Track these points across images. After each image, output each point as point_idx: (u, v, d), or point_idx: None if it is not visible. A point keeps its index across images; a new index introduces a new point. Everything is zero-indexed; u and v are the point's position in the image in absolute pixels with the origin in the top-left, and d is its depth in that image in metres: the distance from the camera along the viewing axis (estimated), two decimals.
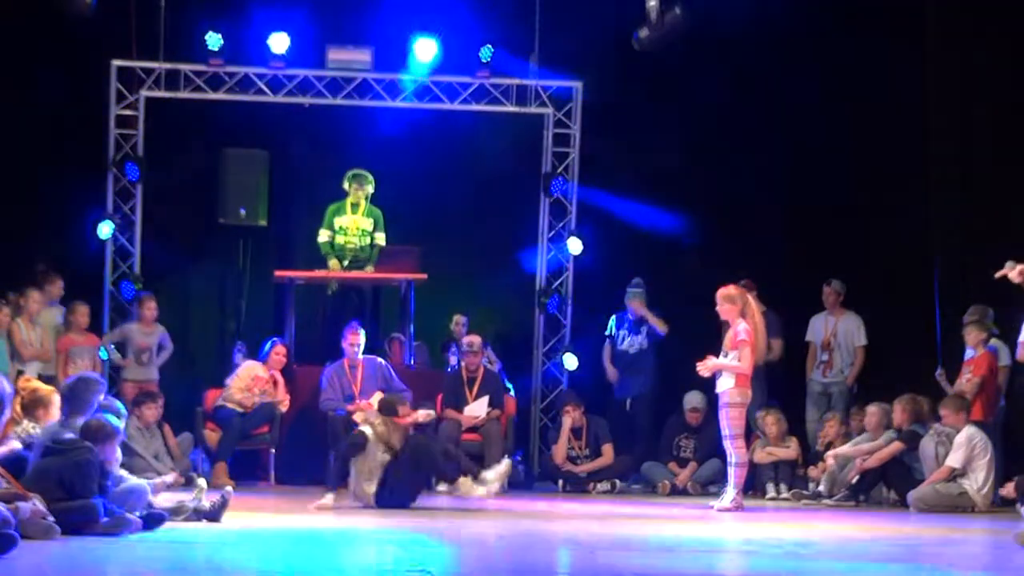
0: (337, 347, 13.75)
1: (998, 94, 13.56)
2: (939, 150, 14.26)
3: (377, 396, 12.35)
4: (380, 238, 14.38)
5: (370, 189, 14.36)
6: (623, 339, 14.58)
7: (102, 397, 9.29)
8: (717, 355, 11.63)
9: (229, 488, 9.84)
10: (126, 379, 13.99)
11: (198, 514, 9.35)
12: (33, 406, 9.29)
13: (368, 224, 14.38)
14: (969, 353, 12.75)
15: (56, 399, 9.45)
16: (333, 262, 14.26)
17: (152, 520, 8.68)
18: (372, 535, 9.23)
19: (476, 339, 14.09)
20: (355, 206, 14.38)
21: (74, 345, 13.63)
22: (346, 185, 14.36)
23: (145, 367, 14.02)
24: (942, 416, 12.30)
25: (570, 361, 15.03)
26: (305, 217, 14.86)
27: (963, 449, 11.99)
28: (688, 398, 14.01)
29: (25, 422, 9.22)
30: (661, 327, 14.32)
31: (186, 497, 9.62)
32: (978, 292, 13.11)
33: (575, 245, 15.11)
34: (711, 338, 12.06)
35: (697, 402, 13.89)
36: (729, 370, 11.50)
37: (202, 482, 9.96)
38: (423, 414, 12.08)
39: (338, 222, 14.35)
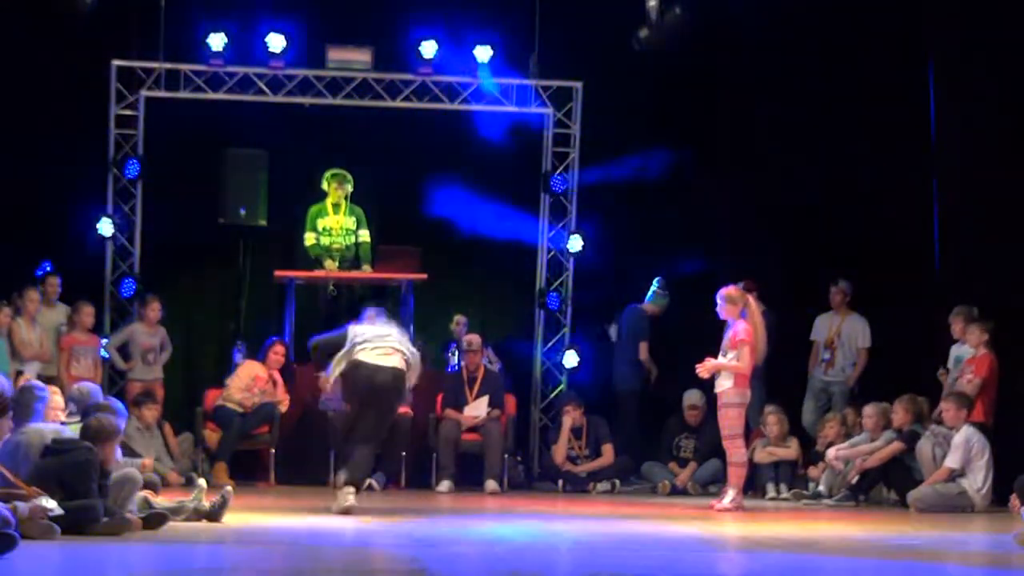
0: None
1: (1005, 96, 13.53)
2: (945, 151, 14.24)
3: None
4: (364, 235, 14.40)
5: (349, 188, 14.39)
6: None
7: (101, 397, 9.30)
8: (715, 356, 11.65)
9: (229, 488, 9.84)
10: (132, 379, 14.02)
11: (198, 514, 9.36)
12: None
13: (351, 223, 14.40)
14: (968, 352, 12.73)
15: (56, 398, 9.47)
16: (329, 263, 14.27)
17: (152, 520, 8.69)
18: (371, 535, 9.24)
19: (476, 338, 14.11)
20: (336, 206, 14.40)
21: (77, 344, 13.66)
22: (325, 185, 14.38)
23: (151, 367, 14.04)
24: (943, 411, 12.28)
25: (570, 359, 15.03)
26: (305, 217, 14.84)
27: (961, 450, 11.97)
28: (686, 396, 14.01)
29: None
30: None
31: (186, 497, 9.62)
32: (979, 292, 13.10)
33: (575, 244, 15.11)
34: (710, 339, 12.06)
35: (695, 400, 13.89)
36: (728, 370, 11.51)
37: (202, 482, 9.96)
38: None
39: (321, 223, 14.38)
